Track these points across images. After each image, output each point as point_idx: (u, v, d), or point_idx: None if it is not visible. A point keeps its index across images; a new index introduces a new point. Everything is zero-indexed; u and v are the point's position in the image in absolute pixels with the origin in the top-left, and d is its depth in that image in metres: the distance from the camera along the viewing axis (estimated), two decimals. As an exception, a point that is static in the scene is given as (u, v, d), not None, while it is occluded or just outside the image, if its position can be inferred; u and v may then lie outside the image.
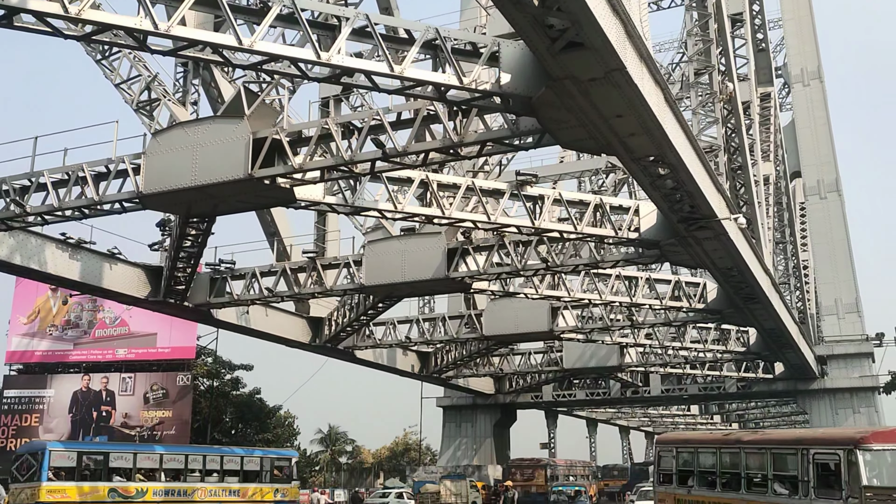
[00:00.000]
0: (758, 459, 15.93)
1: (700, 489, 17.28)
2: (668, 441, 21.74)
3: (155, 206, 19.06)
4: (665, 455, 19.36)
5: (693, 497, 17.38)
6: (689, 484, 17.69)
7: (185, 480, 27.55)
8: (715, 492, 16.76)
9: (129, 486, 26.21)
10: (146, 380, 46.09)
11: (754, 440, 16.44)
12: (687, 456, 18.41)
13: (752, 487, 15.58)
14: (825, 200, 48.01)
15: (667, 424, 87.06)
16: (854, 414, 43.90)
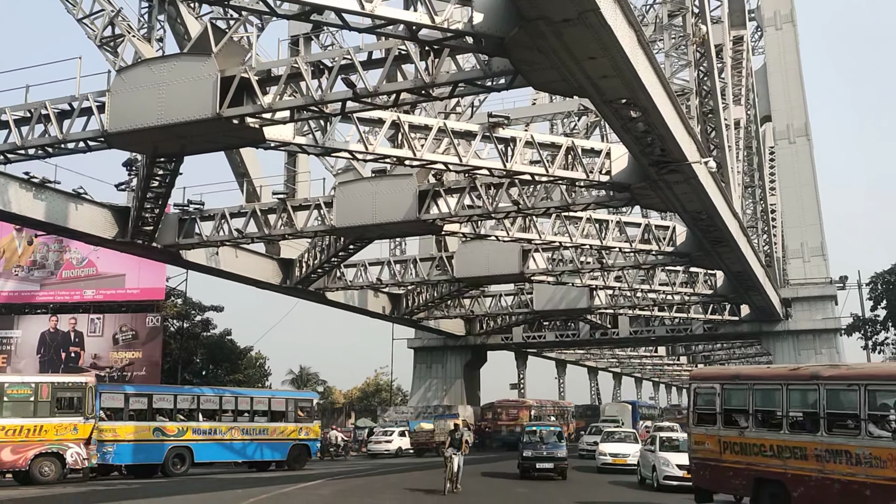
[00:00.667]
0: (846, 397, 13.86)
1: (758, 430, 15.20)
2: (710, 377, 18.93)
3: (121, 145, 18.74)
4: (704, 392, 17.17)
5: (748, 439, 15.39)
6: (740, 425, 15.69)
7: (219, 420, 29.08)
8: (780, 433, 14.59)
9: (171, 426, 27.74)
10: (115, 321, 45.85)
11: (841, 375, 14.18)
12: (738, 393, 16.21)
13: (834, 429, 13.57)
14: (794, 145, 48.31)
15: (634, 365, 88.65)
16: (816, 355, 44.91)
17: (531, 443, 25.81)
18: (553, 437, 26.19)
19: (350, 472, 29.87)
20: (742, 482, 15.46)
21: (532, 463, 24.92)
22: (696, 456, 16.99)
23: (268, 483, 23.48)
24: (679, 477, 20.95)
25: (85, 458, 24.00)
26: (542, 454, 24.97)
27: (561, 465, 24.86)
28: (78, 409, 24.14)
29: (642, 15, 37.99)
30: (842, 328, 45.81)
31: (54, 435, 23.52)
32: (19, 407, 23.30)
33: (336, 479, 25.36)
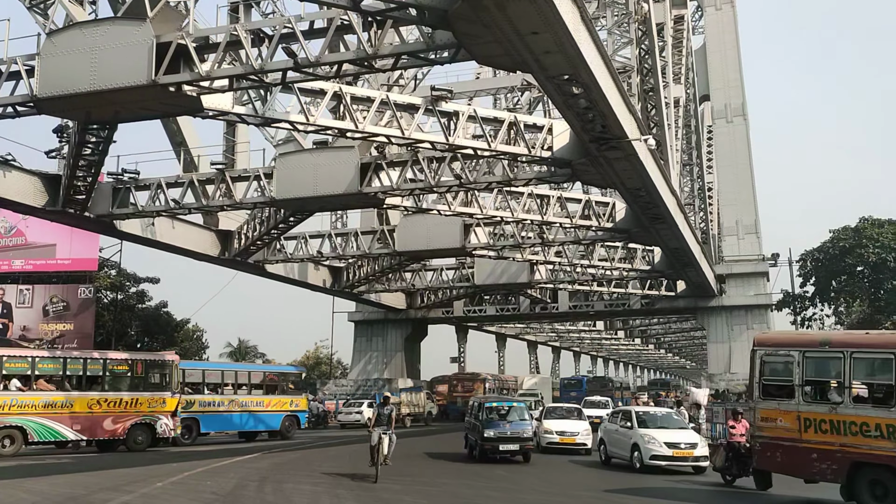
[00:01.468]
0: None
1: (859, 407, 13.21)
2: (785, 343, 15.64)
3: (51, 110, 18.13)
4: (776, 361, 14.96)
5: (843, 416, 13.36)
6: (830, 399, 13.71)
7: (222, 392, 30.41)
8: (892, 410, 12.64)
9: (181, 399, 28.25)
10: (45, 292, 44.69)
11: None
12: (827, 362, 14.14)
13: None
14: (731, 124, 49.27)
15: (573, 339, 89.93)
16: (748, 330, 46.16)
17: (491, 420, 21.95)
18: (516, 413, 22.65)
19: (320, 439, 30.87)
20: (830, 466, 13.54)
21: (495, 444, 21.52)
22: (762, 435, 14.94)
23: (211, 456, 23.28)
24: (668, 456, 19.60)
25: (171, 429, 26.54)
26: (507, 434, 21.62)
27: (527, 447, 21.91)
28: (165, 384, 26.62)
29: (586, -9, 38.09)
30: (773, 304, 47.15)
31: (147, 407, 25.95)
32: (119, 381, 25.70)
33: (274, 451, 25.23)
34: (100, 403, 24.95)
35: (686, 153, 42.70)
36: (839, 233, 44.62)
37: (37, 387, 24.05)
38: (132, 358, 26.70)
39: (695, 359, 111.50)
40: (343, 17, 15.31)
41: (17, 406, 23.34)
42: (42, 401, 23.79)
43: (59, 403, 24.10)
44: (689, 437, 20.55)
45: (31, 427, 23.47)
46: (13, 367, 23.91)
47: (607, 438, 22.29)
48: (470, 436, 23.64)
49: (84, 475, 19.04)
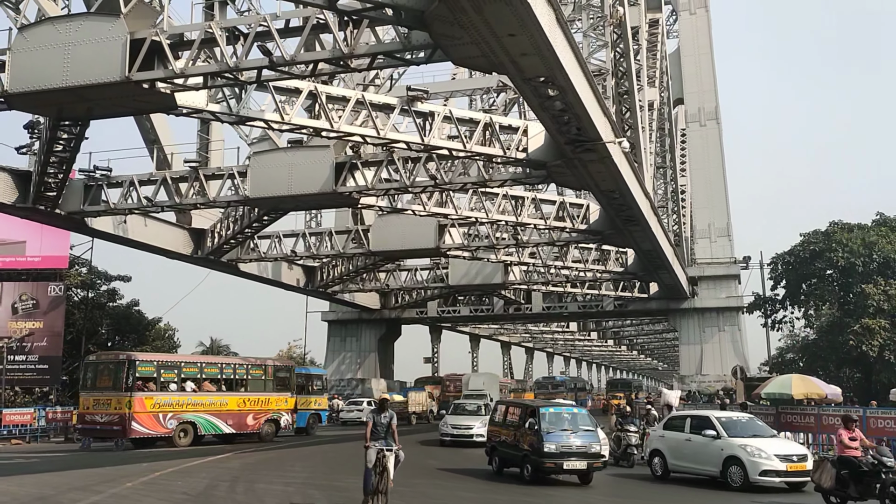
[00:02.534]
0: None
1: None
2: None
3: (22, 106, 17.92)
4: None
5: None
6: None
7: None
8: None
9: None
10: (14, 289, 43.97)
11: None
12: None
13: None
14: (705, 128, 49.82)
15: (546, 340, 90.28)
16: (719, 332, 46.69)
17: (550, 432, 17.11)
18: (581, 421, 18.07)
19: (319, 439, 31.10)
20: None
21: (558, 462, 16.90)
22: None
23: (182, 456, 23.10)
24: (783, 471, 16.29)
25: (291, 424, 30.56)
26: (572, 448, 17.00)
27: (595, 465, 17.40)
28: (287, 386, 30.45)
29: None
30: (744, 306, 47.67)
31: (275, 405, 29.65)
32: (256, 383, 29.38)
33: (247, 451, 25.10)
34: (245, 402, 28.63)
35: (660, 156, 43.00)
36: (809, 237, 45.23)
37: (203, 388, 27.47)
38: (265, 364, 30.48)
39: (667, 360, 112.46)
40: (319, 16, 15.28)
41: (192, 405, 26.89)
42: (208, 400, 27.40)
43: (219, 402, 27.75)
44: (796, 448, 17.64)
45: (201, 422, 27.10)
46: (187, 370, 27.51)
47: (666, 448, 18.70)
48: (502, 449, 19.01)
49: (53, 475, 18.83)
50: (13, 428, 31.96)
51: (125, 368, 25.56)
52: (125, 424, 25.12)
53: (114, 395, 25.59)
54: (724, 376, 44.13)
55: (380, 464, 12.84)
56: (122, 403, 25.25)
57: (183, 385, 26.93)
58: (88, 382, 27.01)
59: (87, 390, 26.86)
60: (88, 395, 26.59)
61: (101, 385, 26.41)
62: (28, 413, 33.81)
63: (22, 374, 42.29)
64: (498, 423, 19.92)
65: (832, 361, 44.58)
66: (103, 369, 26.82)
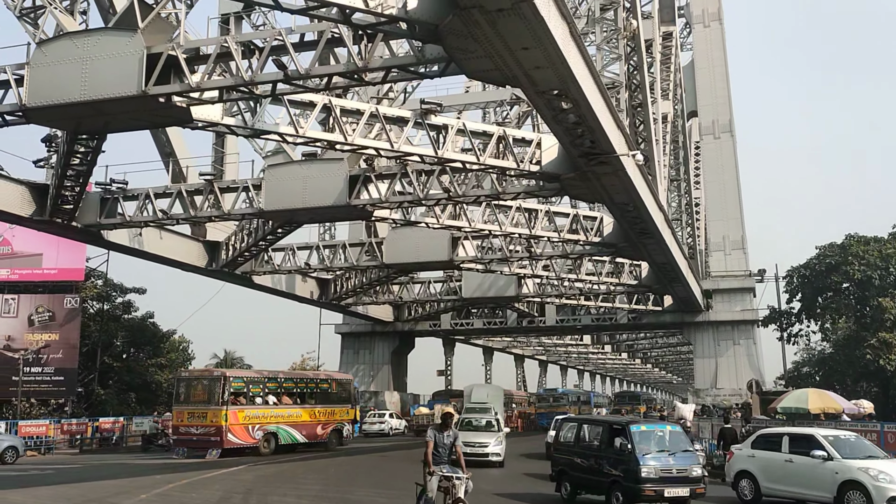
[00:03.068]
0: None
1: None
2: None
3: (40, 120, 18.09)
4: None
5: None
6: None
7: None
8: None
9: None
10: (31, 301, 44.30)
11: None
12: None
13: None
14: (718, 140, 49.67)
15: (560, 353, 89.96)
16: (734, 345, 46.40)
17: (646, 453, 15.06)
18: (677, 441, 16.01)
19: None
20: None
21: (658, 489, 14.75)
22: None
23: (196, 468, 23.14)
24: None
25: (351, 433, 32.79)
26: (672, 472, 15.02)
27: (697, 491, 15.31)
28: (348, 399, 32.74)
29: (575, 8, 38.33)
30: (759, 320, 47.36)
31: (339, 416, 31.85)
32: (323, 396, 31.56)
33: (259, 464, 25.11)
34: (315, 414, 30.68)
35: (674, 169, 42.92)
36: (825, 249, 44.91)
37: (282, 401, 29.61)
38: (331, 378, 33.08)
39: (681, 374, 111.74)
40: (334, 30, 15.38)
41: (273, 417, 28.90)
42: (287, 412, 29.44)
43: (295, 414, 29.82)
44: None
45: (281, 433, 29.02)
46: (270, 385, 29.69)
47: (758, 470, 16.92)
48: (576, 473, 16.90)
49: (68, 487, 18.92)
50: (28, 440, 32.12)
51: (220, 384, 27.55)
52: (222, 435, 27.03)
53: (209, 409, 27.43)
54: (739, 390, 43.84)
55: (450, 495, 11.05)
56: (218, 416, 27.17)
57: (266, 398, 29.07)
58: (181, 396, 28.71)
59: (180, 404, 28.64)
60: (182, 409, 28.38)
61: (194, 399, 28.22)
62: (43, 425, 33.98)
63: (38, 385, 42.53)
64: (567, 443, 17.87)
65: (849, 376, 44.20)
66: (196, 384, 28.69)
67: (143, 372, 49.05)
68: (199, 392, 28.23)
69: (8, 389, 41.73)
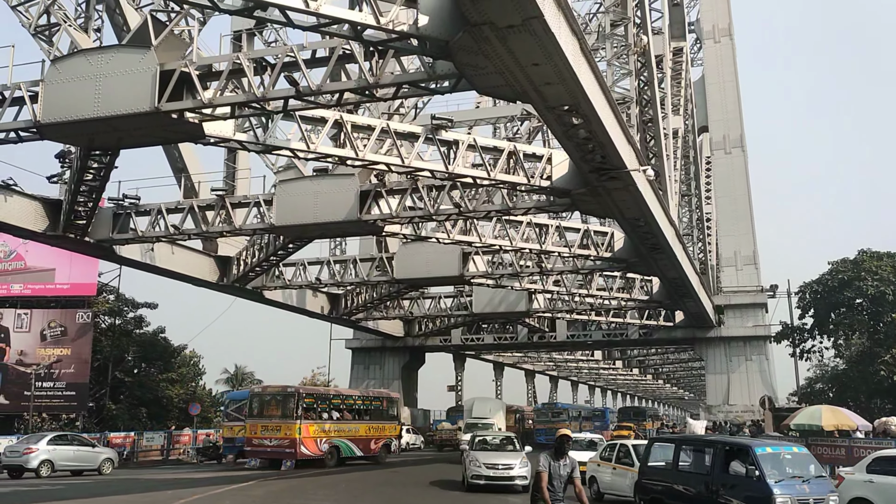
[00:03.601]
0: None
1: None
2: None
3: (54, 136, 18.24)
4: None
5: None
6: None
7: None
8: None
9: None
10: (43, 316, 44.58)
11: None
12: None
13: None
14: (730, 155, 49.58)
15: (571, 369, 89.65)
16: (747, 361, 46.11)
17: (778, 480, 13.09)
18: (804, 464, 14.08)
19: None
20: None
21: None
22: None
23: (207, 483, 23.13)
24: None
25: (398, 447, 35.12)
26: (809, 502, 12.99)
27: None
28: (395, 415, 35.06)
29: (585, 24, 38.48)
30: (771, 335, 47.04)
31: (388, 432, 33.88)
32: (375, 413, 33.80)
33: (269, 479, 25.07)
34: (370, 429, 32.65)
35: (685, 184, 42.86)
36: (838, 265, 44.64)
37: (344, 417, 31.68)
38: (382, 396, 35.13)
39: (693, 389, 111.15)
40: (345, 46, 15.47)
41: (336, 431, 30.75)
42: (347, 427, 31.36)
43: (354, 429, 31.73)
44: None
45: (342, 446, 30.90)
46: (334, 402, 31.79)
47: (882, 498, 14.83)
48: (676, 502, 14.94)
49: (79, 502, 18.92)
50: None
51: (294, 399, 29.37)
52: (296, 447, 28.91)
53: (283, 422, 29.22)
54: (751, 406, 43.55)
55: None
56: (292, 429, 28.93)
57: (331, 414, 31.12)
58: (255, 411, 30.35)
59: (253, 417, 30.26)
60: (256, 422, 30.00)
61: (268, 413, 29.90)
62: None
63: (49, 400, 42.70)
64: (661, 468, 15.91)
65: (863, 392, 43.81)
66: (270, 399, 30.37)
67: (155, 387, 49.16)
68: (272, 407, 29.94)
69: (20, 404, 41.92)
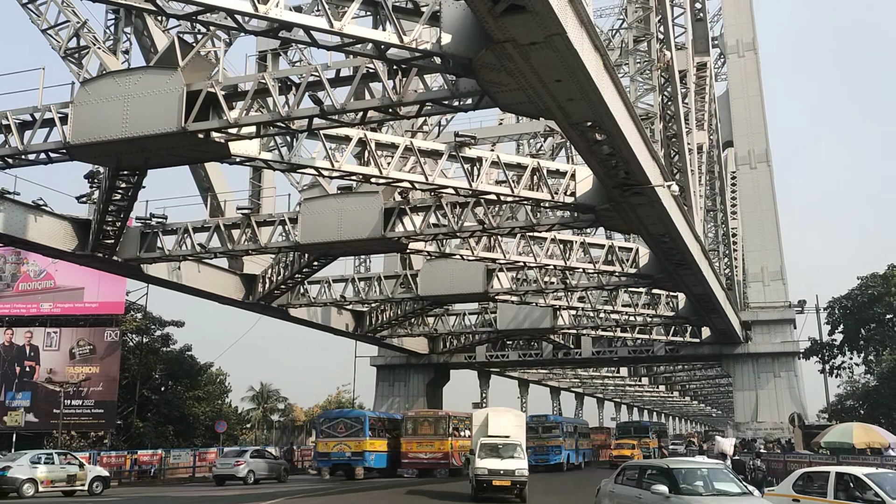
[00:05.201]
0: None
1: None
2: None
3: (83, 157, 18.50)
4: None
5: None
6: None
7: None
8: None
9: None
10: (72, 335, 45.04)
11: None
12: None
13: None
14: (755, 170, 49.18)
15: (596, 386, 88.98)
16: (775, 378, 45.53)
17: None
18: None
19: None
20: None
21: None
22: None
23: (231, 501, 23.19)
24: None
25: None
26: None
27: None
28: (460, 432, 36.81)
29: (608, 40, 38.53)
30: (800, 352, 46.46)
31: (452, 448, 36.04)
32: (459, 430, 36.08)
33: (296, 496, 25.08)
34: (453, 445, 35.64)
35: (710, 199, 42.58)
36: (867, 280, 44.15)
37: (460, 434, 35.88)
38: (464, 416, 36.95)
39: (721, 406, 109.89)
40: (369, 65, 15.59)
41: (463, 447, 33.96)
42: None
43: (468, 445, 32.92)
44: None
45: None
46: (467, 422, 34.50)
47: None
48: None
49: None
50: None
51: (446, 420, 35.90)
52: (449, 459, 35.08)
53: (436, 439, 35.33)
54: (781, 423, 42.96)
55: None
56: (445, 444, 35.17)
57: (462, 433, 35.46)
58: (409, 430, 35.92)
59: (408, 436, 35.78)
60: (411, 440, 35.62)
61: (421, 432, 35.78)
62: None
63: (78, 418, 43.04)
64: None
65: (895, 409, 43.16)
66: (423, 421, 36.39)
67: (181, 404, 49.44)
68: (425, 427, 35.84)
69: (49, 422, 42.28)
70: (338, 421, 36.06)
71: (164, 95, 16.22)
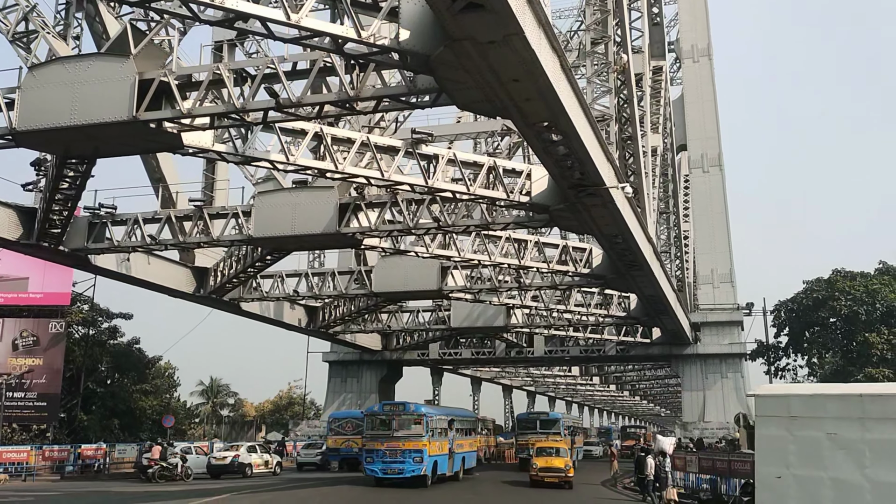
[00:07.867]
0: None
1: None
2: None
3: (30, 144, 18.07)
4: None
5: None
6: None
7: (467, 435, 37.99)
8: None
9: None
10: (15, 325, 43.96)
11: None
12: None
13: None
14: (708, 174, 50.00)
15: (548, 385, 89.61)
16: (722, 378, 46.35)
17: None
18: None
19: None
20: None
21: None
22: None
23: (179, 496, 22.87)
24: None
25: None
26: None
27: None
28: (480, 432, 41.00)
29: (566, 41, 38.74)
30: (747, 353, 47.36)
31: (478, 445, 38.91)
32: (480, 430, 40.99)
33: (242, 493, 24.81)
34: (479, 442, 38.78)
35: (663, 202, 43.10)
36: (812, 284, 45.12)
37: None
38: (484, 418, 42.22)
39: (670, 406, 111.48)
40: (326, 59, 15.46)
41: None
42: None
43: (473, 443, 36.87)
44: None
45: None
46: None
47: None
48: None
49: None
50: (9, 466, 31.68)
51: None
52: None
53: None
54: (726, 423, 43.73)
55: None
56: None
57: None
58: None
59: None
60: None
61: None
62: (25, 451, 33.49)
63: (20, 410, 42.05)
64: None
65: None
66: None
67: (128, 398, 48.60)
68: None
69: (-11, 414, 41.24)
70: (346, 420, 39.16)
71: (115, 83, 15.89)
